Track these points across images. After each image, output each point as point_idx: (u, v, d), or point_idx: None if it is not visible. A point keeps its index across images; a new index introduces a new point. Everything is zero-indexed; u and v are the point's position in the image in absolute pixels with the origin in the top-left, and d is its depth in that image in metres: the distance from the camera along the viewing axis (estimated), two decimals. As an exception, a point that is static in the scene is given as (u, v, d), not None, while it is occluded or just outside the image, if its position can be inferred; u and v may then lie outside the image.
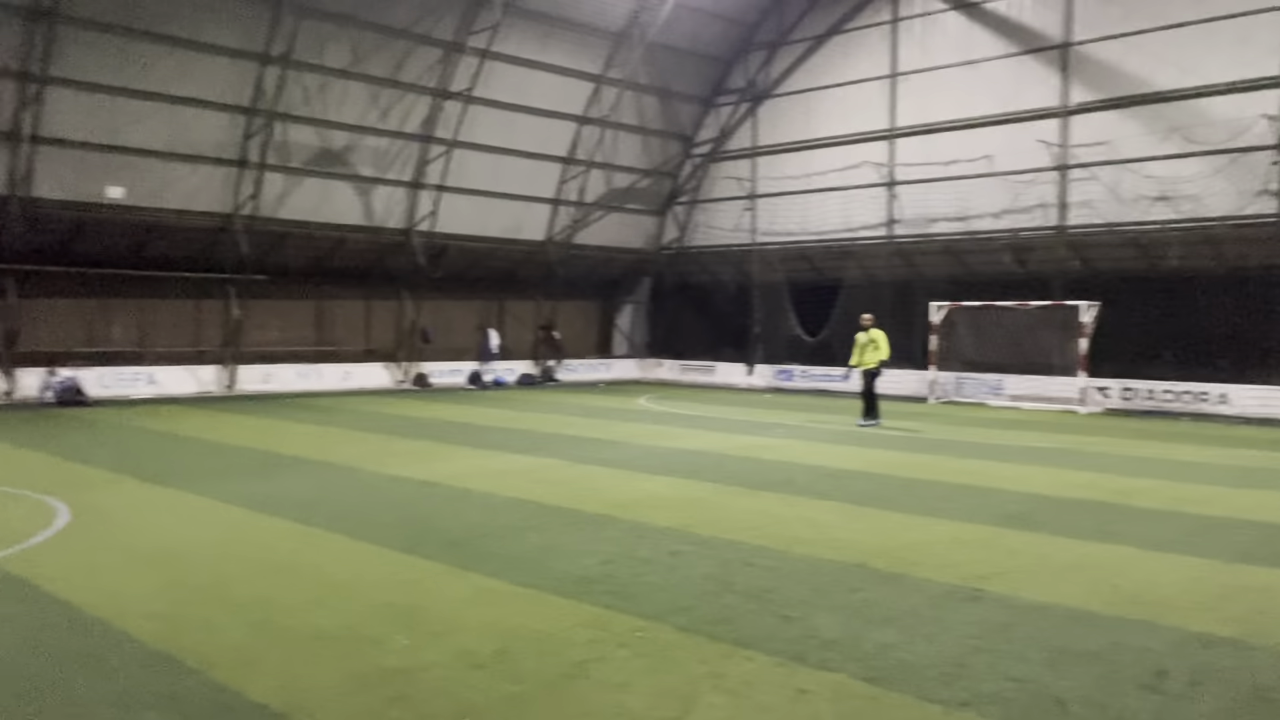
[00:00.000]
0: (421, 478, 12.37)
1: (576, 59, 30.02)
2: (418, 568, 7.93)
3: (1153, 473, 13.46)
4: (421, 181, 28.54)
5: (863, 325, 19.62)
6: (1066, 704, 5.16)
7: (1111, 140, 24.74)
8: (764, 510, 10.48)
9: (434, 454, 14.81)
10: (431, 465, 13.50)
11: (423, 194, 28.70)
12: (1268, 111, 22.29)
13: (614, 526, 9.54)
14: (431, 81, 27.41)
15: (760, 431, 18.34)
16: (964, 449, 15.95)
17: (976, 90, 27.26)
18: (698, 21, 31.11)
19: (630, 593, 7.20)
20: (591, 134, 31.48)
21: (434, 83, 27.44)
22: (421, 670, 5.61)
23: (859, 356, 19.43)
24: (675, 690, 5.32)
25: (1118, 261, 25.10)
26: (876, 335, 19.23)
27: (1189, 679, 5.53)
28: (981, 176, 27.05)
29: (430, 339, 29.97)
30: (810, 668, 5.68)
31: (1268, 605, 7.00)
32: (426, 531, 9.28)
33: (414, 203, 28.73)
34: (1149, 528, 9.73)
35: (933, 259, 28.63)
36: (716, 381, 32.59)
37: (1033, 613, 6.79)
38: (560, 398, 26.60)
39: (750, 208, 32.87)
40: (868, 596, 7.16)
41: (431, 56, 27.11)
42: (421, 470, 12.98)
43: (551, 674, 5.56)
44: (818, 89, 31.00)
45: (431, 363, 30.01)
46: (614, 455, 14.68)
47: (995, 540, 9.13)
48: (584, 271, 33.90)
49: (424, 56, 27.00)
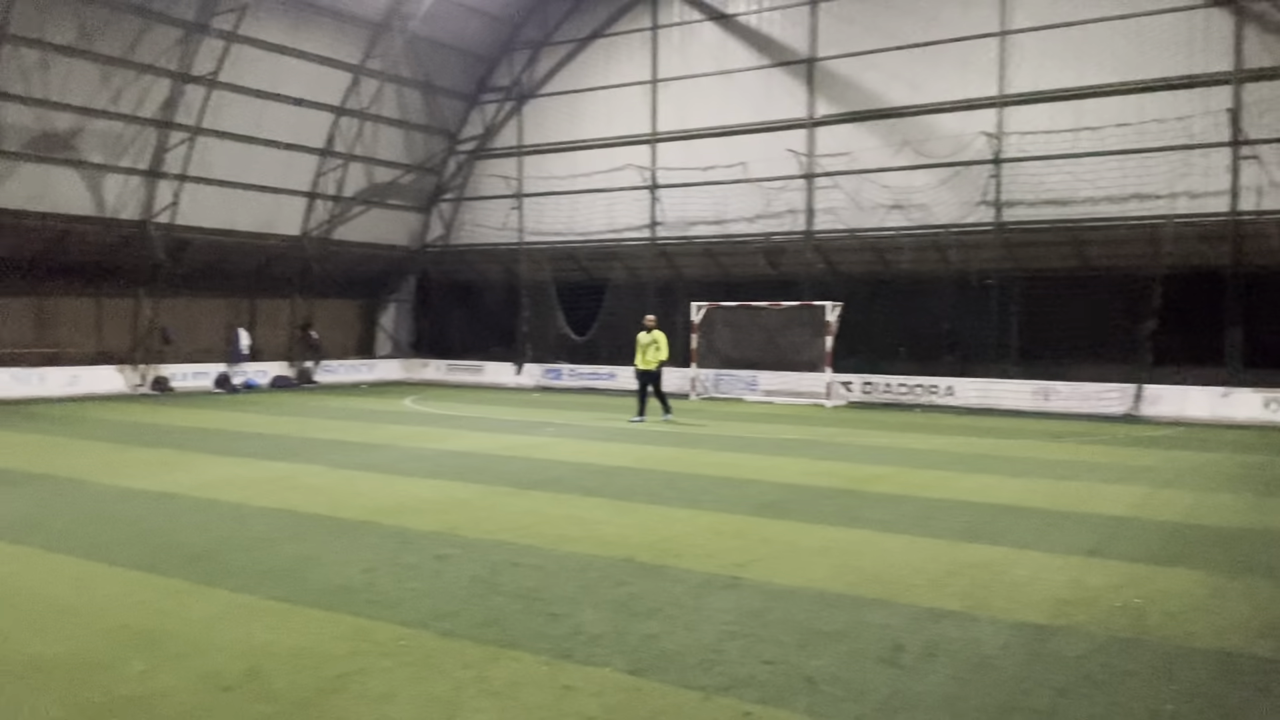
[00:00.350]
0: (161, 489, 11.48)
1: (333, 47, 28.87)
2: (156, 586, 7.33)
3: (889, 461, 14.53)
4: (160, 170, 26.51)
5: (645, 325, 20.09)
6: (816, 682, 5.46)
7: (852, 151, 26.54)
8: (532, 509, 10.46)
9: (176, 463, 13.79)
10: (173, 475, 12.56)
11: (162, 184, 26.68)
12: (986, 129, 24.61)
13: (376, 533, 9.23)
14: (172, 64, 25.54)
15: (529, 431, 18.33)
16: (723, 443, 16.60)
17: (732, 99, 28.48)
18: (461, 16, 30.71)
19: (393, 600, 6.98)
20: (350, 126, 30.39)
21: (174, 65, 25.58)
22: (161, 696, 5.19)
23: (641, 356, 19.77)
24: (440, 698, 5.21)
25: (858, 265, 26.98)
26: (659, 336, 19.75)
27: (923, 651, 5.99)
28: (737, 182, 28.29)
29: (171, 340, 27.90)
30: (577, 664, 5.71)
31: (989, 579, 7.70)
32: (166, 547, 8.61)
33: (152, 193, 26.65)
34: (886, 512, 10.48)
35: (693, 260, 29.66)
36: (485, 381, 32.30)
37: (785, 597, 7.15)
38: (319, 400, 25.51)
39: (517, 206, 32.81)
40: (633, 590, 7.30)
41: (171, 37, 25.26)
42: (161, 481, 12.04)
43: (307, 691, 5.29)
44: (582, 91, 31.37)
45: (174, 365, 27.95)
46: (377, 459, 14.23)
47: (751, 529, 9.54)
48: (344, 268, 32.67)
49: (162, 36, 25.12)
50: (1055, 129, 23.85)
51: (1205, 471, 13.72)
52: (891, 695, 5.27)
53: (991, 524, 9.89)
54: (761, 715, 5.00)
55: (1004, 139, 24.49)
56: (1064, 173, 23.85)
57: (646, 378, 19.89)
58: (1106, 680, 5.50)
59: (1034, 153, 24.21)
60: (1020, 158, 24.42)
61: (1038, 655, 5.92)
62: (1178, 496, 11.63)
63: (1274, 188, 21.71)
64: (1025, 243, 24.57)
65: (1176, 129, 22.56)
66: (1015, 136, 24.42)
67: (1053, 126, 23.90)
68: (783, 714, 5.01)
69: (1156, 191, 22.85)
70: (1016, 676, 5.56)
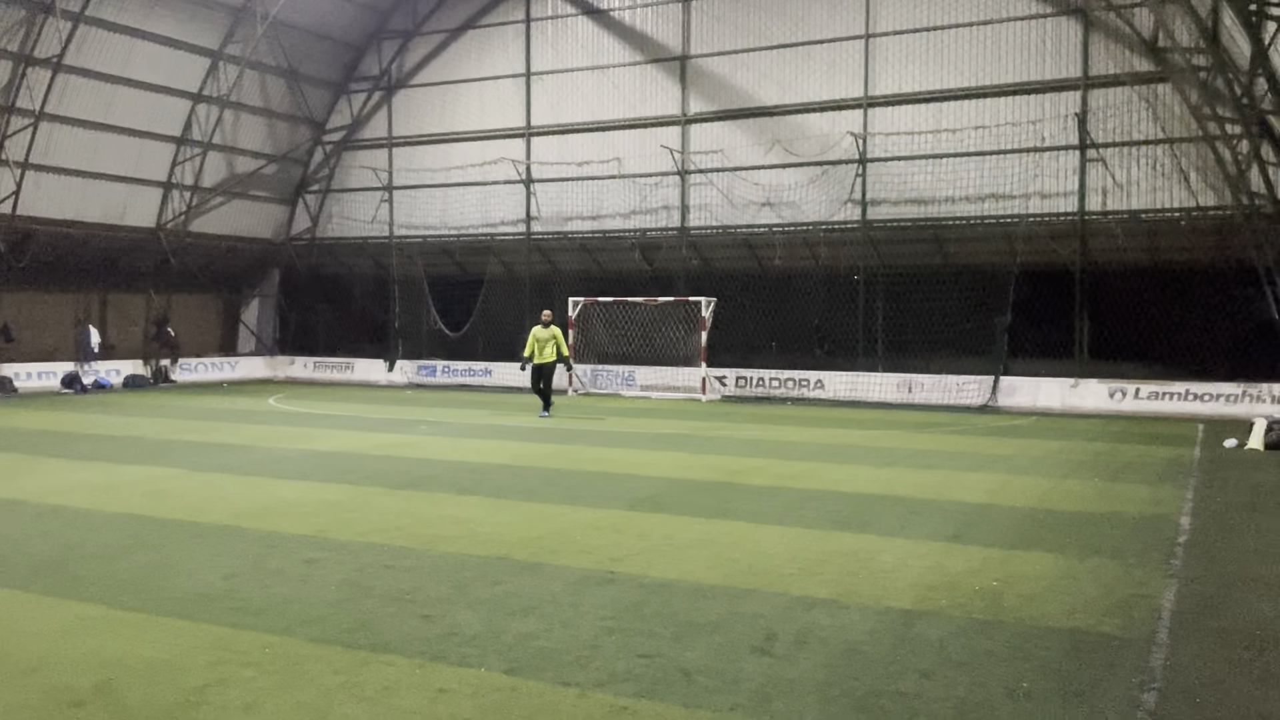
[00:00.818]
0: (2, 496, 10.77)
1: (190, 31, 27.64)
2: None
3: (762, 453, 14.82)
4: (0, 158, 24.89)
5: (543, 321, 20.10)
6: (691, 674, 5.50)
7: (724, 149, 26.93)
8: (405, 510, 10.25)
9: (18, 468, 12.97)
10: (16, 481, 11.80)
11: (3, 172, 25.04)
12: (852, 129, 25.32)
13: (240, 537, 8.88)
14: (12, 45, 23.98)
15: (401, 429, 17.96)
16: (600, 438, 16.62)
17: (606, 95, 28.52)
18: (327, 3, 29.81)
19: (258, 607, 6.72)
20: (209, 114, 29.14)
21: (15, 46, 24.03)
22: (5, 714, 4.86)
23: (539, 352, 19.74)
24: (308, 706, 5.03)
25: (731, 261, 27.42)
26: (557, 331, 19.97)
27: (795, 639, 6.12)
28: (612, 178, 28.35)
29: (12, 337, 26.25)
30: (451, 665, 5.62)
31: (857, 567, 7.92)
32: (9, 557, 8.08)
33: (-9, 181, 25.03)
34: (759, 503, 10.68)
35: (569, 256, 29.60)
36: (355, 379, 31.49)
37: (661, 590, 7.19)
38: (176, 400, 24.41)
39: (387, 199, 32.09)
40: (509, 588, 7.22)
41: (13, 17, 23.74)
42: (2, 488, 11.30)
43: (165, 704, 5.04)
44: (455, 82, 30.89)
45: (16, 364, 26.28)
46: (239, 461, 13.69)
47: (628, 524, 9.57)
48: (203, 262, 31.31)
49: (3, 16, 23.58)
50: (917, 130, 24.75)
51: (1057, 459, 14.46)
52: (765, 684, 5.36)
53: (860, 513, 10.19)
54: (638, 709, 5.01)
55: (869, 139, 25.25)
56: (925, 173, 24.78)
57: (540, 373, 19.92)
58: (967, 661, 5.72)
59: (897, 153, 25.06)
60: (884, 158, 25.23)
61: (903, 639, 6.12)
62: (1032, 483, 12.22)
63: (1118, 188, 23.04)
64: (890, 240, 25.43)
65: (1029, 132, 23.70)
66: (880, 137, 25.22)
67: (915, 128, 24.79)
68: (659, 707, 5.04)
69: (1011, 192, 23.95)
70: (884, 661, 5.73)
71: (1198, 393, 21.56)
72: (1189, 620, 6.52)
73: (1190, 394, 21.64)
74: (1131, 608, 6.79)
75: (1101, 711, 5.01)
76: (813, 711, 4.99)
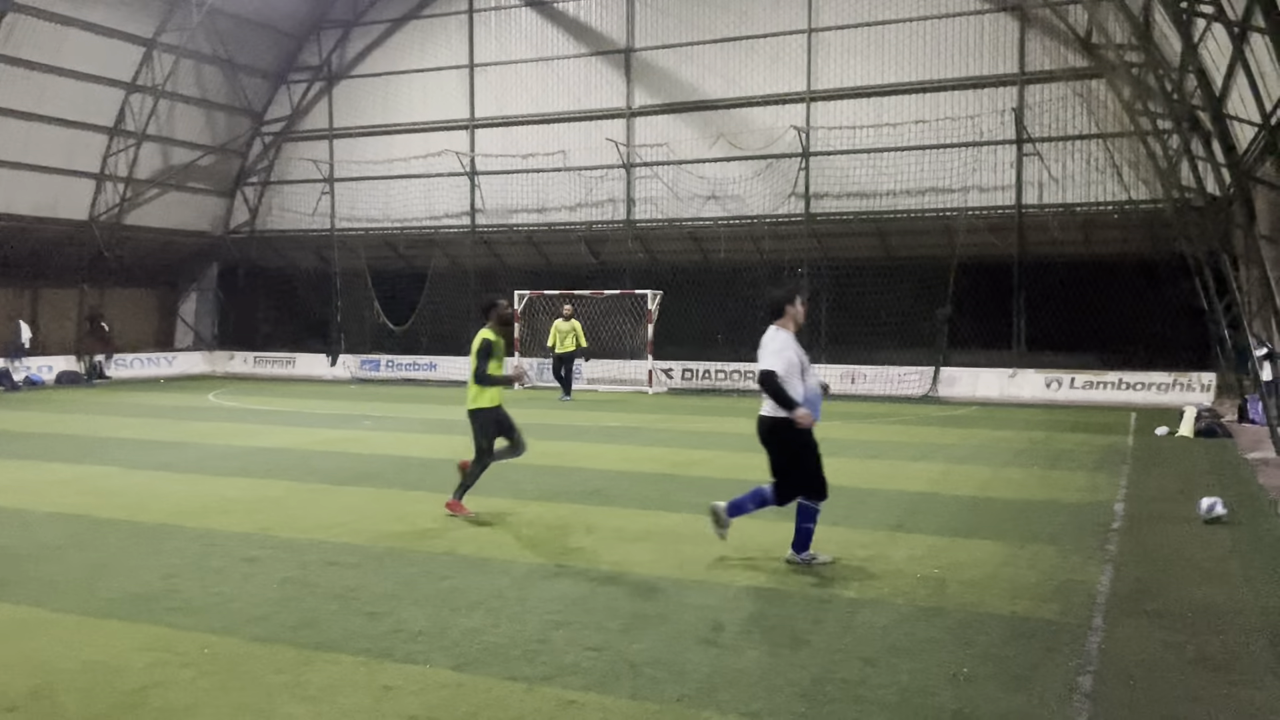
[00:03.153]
0: (-70, 498, 10.46)
1: (123, 19, 26.92)
2: (-76, 605, 6.67)
3: (709, 445, 14.89)
4: (-76, 147, 24.12)
5: (563, 314, 22.57)
6: (639, 666, 5.53)
7: (669, 142, 26.95)
8: (350, 506, 10.13)
9: (-52, 468, 12.59)
10: (-56, 482, 11.46)
11: (-74, 162, 24.27)
12: (796, 123, 25.49)
13: (179, 536, 8.71)
14: (-65, 30, 23.23)
15: (345, 424, 17.74)
16: (548, 431, 16.55)
17: (551, 87, 28.37)
18: (265, -9, 29.26)
19: (198, 607, 6.61)
20: (144, 104, 28.44)
21: (-62, 31, 23.29)
22: (-71, 727, 4.73)
23: (561, 342, 22.21)
24: (250, 706, 4.96)
25: (677, 254, 27.48)
26: (576, 325, 22.40)
27: (741, 629, 6.17)
28: (558, 171, 28.24)
29: (-59, 333, 25.47)
30: (397, 662, 5.57)
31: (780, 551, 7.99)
32: (-63, 561, 7.85)
33: (-86, 172, 24.20)
34: (705, 494, 10.65)
35: (515, 249, 29.43)
36: (297, 374, 31.01)
37: (609, 583, 7.21)
38: (113, 397, 23.84)
39: (329, 191, 31.60)
40: (455, 584, 7.18)
41: (-66, 0, 22.97)
42: (-70, 489, 10.98)
43: (102, 707, 4.94)
44: (397, 73, 30.50)
45: (-56, 361, 25.52)
46: (179, 458, 13.43)
47: (575, 517, 9.57)
48: (139, 255, 30.58)
49: (-77, -1, 22.82)
50: (859, 124, 24.99)
51: (997, 448, 14.74)
52: (711, 674, 5.40)
53: (805, 503, 10.26)
54: (585, 702, 5.02)
55: (812, 133, 25.45)
56: (868, 166, 25.04)
57: (561, 361, 22.38)
58: (910, 648, 5.82)
59: (840, 147, 25.27)
60: (827, 151, 25.44)
61: (848, 628, 6.20)
62: (973, 472, 12.44)
63: (1053, 182, 23.51)
64: (833, 233, 25.68)
65: (968, 127, 24.07)
66: (823, 131, 25.42)
67: (857, 122, 25.03)
68: (607, 700, 5.05)
69: (951, 185, 24.32)
70: (828, 649, 5.80)
71: (1130, 382, 22.14)
72: (1124, 604, 6.70)
73: (1123, 383, 22.21)
74: (1069, 593, 6.96)
75: (1040, 695, 5.12)
76: (758, 701, 5.04)
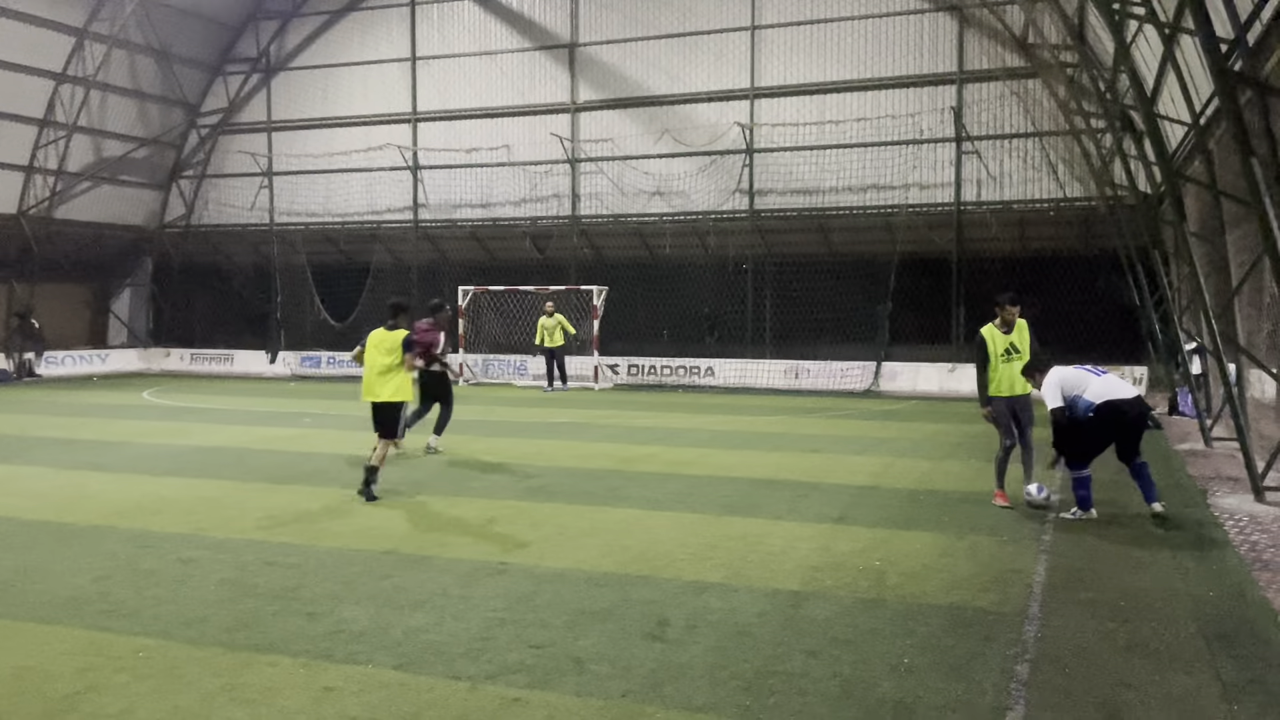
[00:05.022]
0: None
1: (53, 7, 26.21)
2: None
3: (654, 440, 14.91)
4: None
5: (546, 311, 23.39)
6: (584, 662, 5.51)
7: (614, 138, 26.93)
8: (288, 505, 9.97)
9: None
10: None
11: None
12: (740, 120, 25.63)
13: (112, 537, 8.50)
14: None
15: (284, 422, 17.45)
16: (492, 428, 16.46)
17: (495, 81, 28.18)
18: (200, -20, 28.65)
19: (131, 610, 6.45)
20: (74, 94, 27.68)
21: None
22: None
23: (549, 338, 23.19)
24: (186, 710, 4.86)
25: (623, 250, 27.47)
26: (561, 319, 23.32)
27: (686, 624, 6.19)
28: (502, 165, 28.06)
29: None
30: (338, 663, 5.50)
31: (746, 551, 8.05)
32: None
33: None
34: (651, 490, 10.75)
35: (458, 244, 29.20)
36: (235, 371, 30.44)
37: (554, 580, 7.18)
38: (42, 395, 23.19)
39: (267, 185, 31.06)
40: (397, 582, 7.10)
41: None
42: None
43: (33, 713, 4.80)
44: (337, 65, 30.06)
45: None
46: (112, 458, 13.10)
47: (520, 514, 9.51)
48: (70, 250, 29.77)
49: None
50: (802, 121, 25.20)
51: (936, 441, 14.96)
52: (657, 669, 5.41)
53: (749, 497, 10.35)
54: (530, 700, 4.99)
55: (756, 130, 25.60)
56: (810, 163, 25.27)
57: (552, 354, 23.39)
58: (852, 639, 5.88)
59: (784, 144, 25.47)
60: (771, 148, 25.62)
61: (791, 620, 6.25)
62: (913, 465, 12.62)
63: (991, 180, 23.92)
64: (776, 229, 25.87)
65: (908, 125, 24.39)
66: (767, 128, 25.59)
67: (800, 119, 25.24)
68: (551, 697, 5.03)
69: (891, 182, 24.64)
70: (772, 642, 5.84)
71: (1066, 376, 22.61)
72: (1059, 593, 6.84)
73: (1059, 377, 22.66)
74: (1006, 583, 7.09)
75: (979, 683, 5.21)
76: (702, 694, 5.06)
